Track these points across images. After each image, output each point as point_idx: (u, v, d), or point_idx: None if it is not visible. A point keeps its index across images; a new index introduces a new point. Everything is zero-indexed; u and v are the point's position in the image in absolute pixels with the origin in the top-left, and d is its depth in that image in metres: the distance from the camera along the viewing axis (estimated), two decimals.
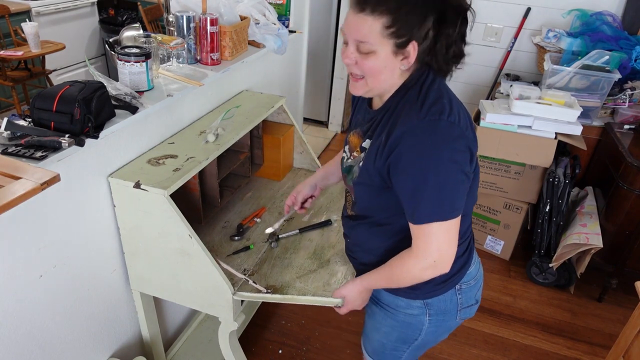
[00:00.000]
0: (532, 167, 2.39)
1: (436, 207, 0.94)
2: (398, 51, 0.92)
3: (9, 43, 3.30)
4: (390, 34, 0.89)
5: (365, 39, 0.91)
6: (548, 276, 2.48)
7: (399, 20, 0.88)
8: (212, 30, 1.64)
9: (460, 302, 1.18)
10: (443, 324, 1.20)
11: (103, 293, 1.43)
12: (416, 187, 0.93)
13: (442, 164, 0.91)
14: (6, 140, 1.11)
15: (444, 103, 0.94)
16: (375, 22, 0.88)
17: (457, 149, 0.92)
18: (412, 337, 1.22)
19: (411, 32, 0.89)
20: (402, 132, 0.93)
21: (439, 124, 0.91)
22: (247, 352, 1.94)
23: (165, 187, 1.25)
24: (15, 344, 1.17)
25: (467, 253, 1.17)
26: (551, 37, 2.68)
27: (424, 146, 0.91)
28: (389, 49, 0.91)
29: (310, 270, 1.45)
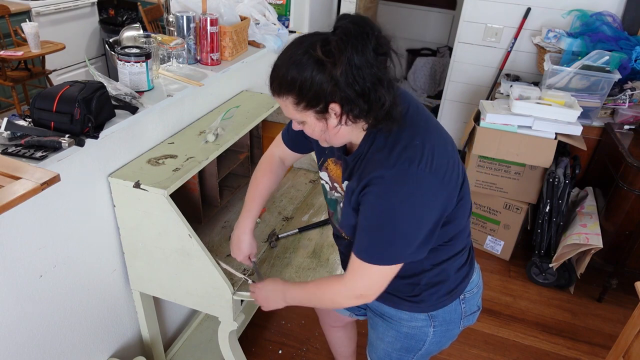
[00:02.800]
0: (532, 167, 2.39)
1: (381, 252, 0.95)
2: (322, 116, 0.91)
3: (9, 43, 3.30)
4: (303, 107, 0.90)
5: (291, 115, 0.94)
6: (548, 276, 2.48)
7: (302, 95, 0.88)
8: (212, 31, 1.64)
9: (464, 311, 1.18)
10: (447, 333, 1.20)
11: (103, 293, 1.43)
12: (369, 228, 0.94)
13: (401, 217, 0.91)
14: (6, 140, 1.11)
15: (416, 147, 0.92)
16: (287, 101, 0.91)
17: (423, 202, 0.91)
18: (416, 347, 1.21)
19: (320, 98, 0.88)
20: (370, 179, 0.92)
21: (408, 174, 0.90)
22: (247, 352, 1.94)
23: (165, 187, 1.25)
24: (15, 344, 1.17)
25: (469, 263, 1.17)
26: (551, 37, 2.68)
27: (389, 196, 0.90)
28: (312, 117, 0.92)
29: (310, 269, 1.45)
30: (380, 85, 0.87)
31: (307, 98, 0.88)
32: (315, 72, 0.86)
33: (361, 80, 0.85)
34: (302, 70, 0.86)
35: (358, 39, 0.84)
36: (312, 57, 0.85)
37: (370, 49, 0.85)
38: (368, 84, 0.86)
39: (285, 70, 0.88)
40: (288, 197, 1.85)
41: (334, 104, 0.88)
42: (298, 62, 0.87)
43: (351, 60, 0.84)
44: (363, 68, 0.84)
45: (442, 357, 2.06)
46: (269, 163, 1.31)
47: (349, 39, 0.84)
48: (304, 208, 1.78)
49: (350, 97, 0.86)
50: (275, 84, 0.91)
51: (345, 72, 0.84)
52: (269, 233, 1.61)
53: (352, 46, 0.84)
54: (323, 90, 0.86)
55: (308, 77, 0.86)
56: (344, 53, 0.83)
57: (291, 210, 1.77)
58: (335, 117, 0.90)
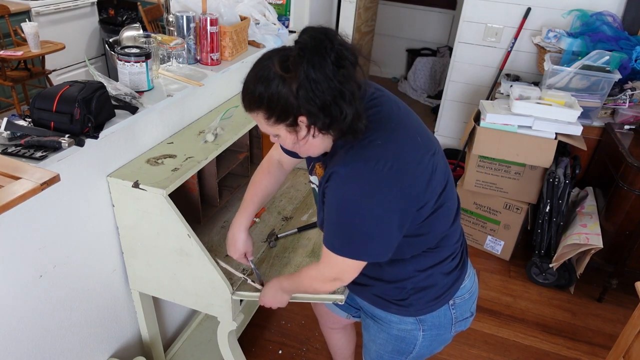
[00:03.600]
0: (532, 167, 2.39)
1: (342, 246, 0.97)
2: (293, 129, 0.93)
3: (9, 43, 3.30)
4: (274, 121, 0.92)
5: (263, 130, 0.98)
6: (548, 276, 2.47)
7: (272, 110, 0.90)
8: (212, 31, 1.64)
9: (454, 316, 1.17)
10: (437, 338, 1.19)
11: (102, 293, 1.43)
12: (329, 221, 0.97)
13: (356, 214, 0.92)
14: (6, 140, 1.11)
15: (376, 148, 0.93)
16: (258, 117, 0.94)
17: (378, 202, 0.91)
18: (407, 350, 1.21)
19: (288, 112, 0.89)
20: (330, 174, 0.95)
21: (361, 173, 0.91)
22: (247, 352, 1.94)
23: (164, 186, 1.25)
24: (15, 344, 1.17)
25: (460, 268, 1.16)
26: (551, 37, 2.68)
27: (341, 193, 0.93)
28: (284, 130, 0.93)
29: None
30: (342, 98, 0.87)
31: (276, 113, 0.90)
32: (280, 86, 0.87)
33: (320, 94, 0.85)
34: (268, 86, 0.88)
35: (315, 53, 0.84)
36: (276, 73, 0.87)
37: (329, 62, 0.85)
38: (328, 98, 0.86)
39: (253, 87, 0.90)
40: (287, 197, 1.85)
41: (302, 117, 0.89)
42: (264, 78, 0.88)
43: (308, 75, 0.84)
44: (321, 82, 0.85)
45: (442, 357, 2.06)
46: (268, 165, 1.33)
47: (305, 53, 0.85)
48: (304, 208, 1.78)
49: (312, 111, 0.87)
50: (246, 100, 0.94)
51: (303, 87, 0.85)
52: (268, 233, 1.61)
53: (308, 61, 0.84)
54: (290, 104, 0.88)
55: (274, 93, 0.87)
56: (300, 68, 0.84)
57: (291, 210, 1.77)
58: (305, 129, 0.92)
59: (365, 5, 3.69)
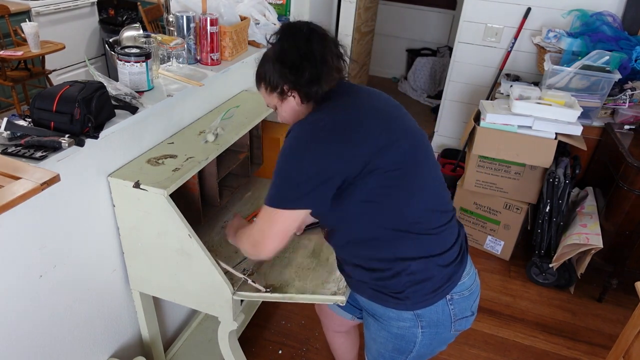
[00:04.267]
0: (532, 167, 2.39)
1: (271, 194, 1.07)
2: (283, 97, 1.14)
3: (9, 43, 3.30)
4: (269, 91, 1.15)
5: (266, 101, 1.20)
6: (548, 276, 2.48)
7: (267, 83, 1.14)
8: (212, 31, 1.64)
9: (453, 313, 1.17)
10: (437, 336, 1.19)
11: (103, 293, 1.43)
12: (274, 171, 1.09)
13: (286, 160, 1.05)
14: (6, 140, 1.11)
15: (324, 112, 1.09)
16: (261, 90, 1.19)
17: (307, 148, 1.04)
18: (407, 348, 1.21)
19: (277, 83, 1.12)
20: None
21: (303, 128, 1.07)
22: (247, 352, 1.94)
23: (165, 186, 1.25)
24: (15, 344, 1.17)
25: (457, 263, 1.16)
26: (551, 37, 2.68)
27: (284, 145, 1.07)
28: (277, 99, 1.16)
29: (309, 268, 1.45)
30: (307, 61, 1.07)
31: (270, 85, 1.13)
32: (269, 63, 1.12)
33: (288, 57, 1.08)
34: (263, 64, 1.15)
35: (289, 31, 1.10)
36: (267, 54, 1.14)
37: (301, 37, 1.08)
38: (295, 59, 1.07)
39: (257, 67, 1.17)
40: None
41: (286, 86, 1.11)
42: (262, 59, 1.16)
43: (283, 44, 1.10)
44: (291, 49, 1.08)
45: (442, 357, 2.06)
46: None
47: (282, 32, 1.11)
48: None
49: (284, 73, 1.09)
50: (255, 78, 1.19)
51: (277, 51, 1.10)
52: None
53: (283, 35, 1.10)
54: (275, 76, 1.11)
55: (267, 68, 1.13)
56: (277, 41, 1.11)
57: None
58: (291, 98, 1.13)
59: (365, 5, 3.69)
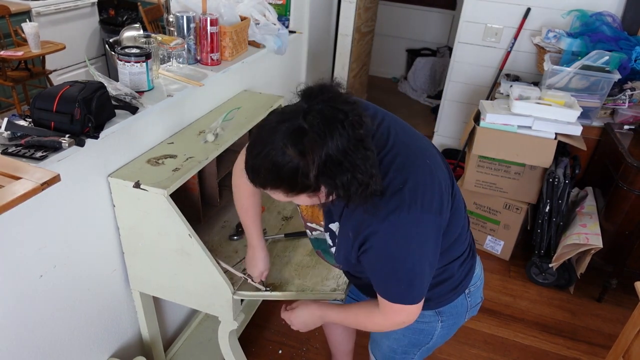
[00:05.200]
0: (532, 167, 2.39)
1: (409, 293, 0.99)
2: (314, 194, 0.89)
3: (9, 43, 3.30)
4: (295, 193, 0.88)
5: (282, 200, 0.92)
6: (548, 276, 2.48)
7: (292, 187, 0.86)
8: (212, 31, 1.64)
9: (469, 303, 1.22)
10: (453, 326, 1.23)
11: (103, 293, 1.43)
12: (388, 278, 0.98)
13: (410, 256, 0.94)
14: (6, 140, 1.12)
15: (402, 193, 0.92)
16: (277, 193, 0.88)
17: (422, 237, 0.94)
18: (424, 341, 1.24)
19: (309, 187, 0.85)
20: (365, 236, 0.94)
21: (399, 222, 0.91)
22: (247, 352, 1.94)
23: (165, 186, 1.25)
24: (15, 344, 1.17)
25: (471, 257, 1.18)
26: (551, 37, 2.68)
27: (389, 247, 0.94)
28: (305, 197, 0.89)
29: (309, 266, 1.46)
30: (358, 172, 0.84)
31: (297, 188, 0.86)
32: (297, 173, 0.83)
33: (340, 175, 0.83)
34: (283, 169, 0.83)
35: (329, 131, 0.80)
36: (291, 157, 0.82)
37: (345, 138, 0.81)
38: (347, 176, 0.83)
39: (265, 173, 0.85)
40: None
41: (323, 188, 0.87)
42: (278, 164, 0.82)
43: (327, 158, 0.81)
44: (340, 163, 0.82)
45: (442, 357, 2.06)
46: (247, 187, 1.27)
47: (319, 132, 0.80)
48: None
49: (331, 187, 0.85)
50: (259, 183, 0.88)
51: (323, 172, 0.82)
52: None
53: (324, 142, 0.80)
54: (309, 184, 0.84)
55: (293, 175, 0.83)
56: (316, 152, 0.80)
57: (290, 210, 1.77)
58: (326, 194, 0.89)
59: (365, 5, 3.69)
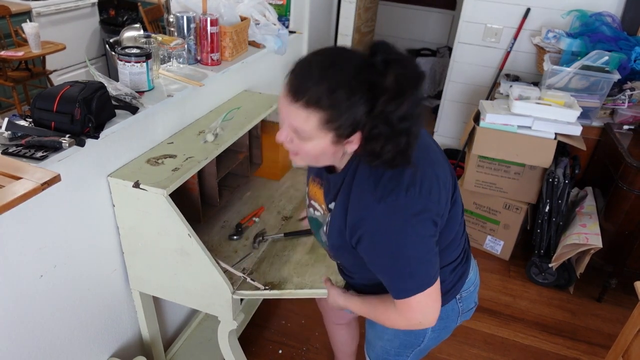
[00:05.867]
0: (531, 167, 2.39)
1: (412, 282, 0.92)
2: (340, 140, 0.82)
3: (10, 43, 3.30)
4: (329, 127, 0.80)
5: (301, 129, 0.82)
6: (548, 276, 2.48)
7: (339, 116, 0.78)
8: (212, 31, 1.65)
9: (461, 308, 1.20)
10: (445, 329, 1.22)
11: (103, 293, 1.43)
12: (386, 267, 0.93)
13: (407, 241, 0.88)
14: (7, 140, 1.12)
15: (401, 174, 0.87)
16: (311, 116, 0.79)
17: (419, 222, 0.88)
18: (415, 343, 1.23)
19: (352, 126, 0.79)
20: (360, 218, 0.88)
21: (397, 204, 0.86)
22: (247, 352, 1.94)
23: (164, 186, 1.25)
24: (15, 344, 1.17)
25: (464, 263, 1.17)
26: (551, 37, 2.68)
27: (385, 231, 0.87)
28: (328, 139, 0.82)
29: (308, 264, 1.46)
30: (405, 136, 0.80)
31: (338, 122, 0.78)
32: (362, 100, 0.76)
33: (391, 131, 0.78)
34: (351, 94, 0.75)
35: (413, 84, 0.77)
36: (365, 84, 0.75)
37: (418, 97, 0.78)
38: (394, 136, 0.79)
39: (326, 88, 0.76)
40: (287, 197, 1.85)
41: (358, 134, 0.81)
42: (346, 83, 0.76)
43: (410, 105, 0.77)
44: (403, 120, 0.78)
45: (442, 357, 2.06)
46: None
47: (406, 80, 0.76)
48: (303, 207, 1.78)
49: (381, 135, 0.79)
50: (306, 96, 0.77)
51: (381, 117, 0.77)
52: (257, 233, 1.62)
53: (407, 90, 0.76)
54: (360, 120, 0.78)
55: (353, 104, 0.76)
56: (406, 94, 0.76)
57: (290, 209, 1.77)
58: (345, 144, 0.83)
59: (365, 5, 3.70)
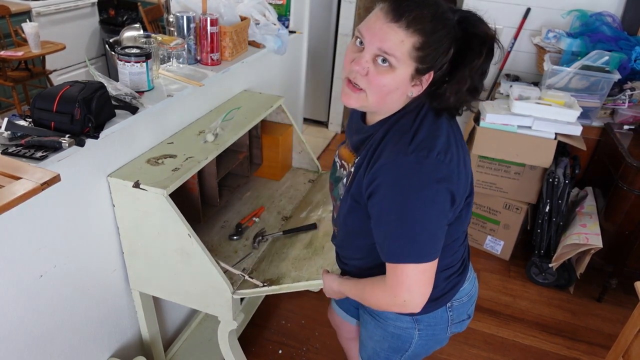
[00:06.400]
0: (531, 167, 2.39)
1: (411, 247, 0.88)
2: (416, 76, 0.85)
3: (10, 43, 3.30)
4: (417, 56, 0.82)
5: (391, 52, 0.82)
6: (548, 276, 2.48)
7: (431, 45, 0.81)
8: (212, 31, 1.64)
9: (451, 318, 1.17)
10: (433, 337, 1.19)
11: (103, 293, 1.43)
12: (387, 225, 0.89)
13: (419, 207, 0.85)
14: (6, 140, 1.12)
15: (438, 137, 0.88)
16: (408, 38, 0.80)
17: (439, 190, 0.86)
18: (403, 348, 1.21)
19: (435, 60, 0.83)
20: (384, 164, 0.87)
21: (426, 162, 0.85)
22: (247, 352, 1.95)
23: (164, 186, 1.25)
24: (15, 344, 1.17)
25: (460, 274, 1.15)
26: (551, 37, 2.68)
27: (405, 185, 0.85)
28: (408, 71, 0.84)
29: (305, 258, 1.46)
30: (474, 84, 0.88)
31: (426, 51, 0.81)
32: (448, 39, 0.82)
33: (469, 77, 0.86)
34: (443, 27, 0.80)
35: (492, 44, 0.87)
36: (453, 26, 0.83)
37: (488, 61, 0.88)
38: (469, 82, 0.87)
39: (429, 13, 0.79)
40: (287, 197, 1.85)
41: (430, 74, 0.85)
42: (442, 16, 0.81)
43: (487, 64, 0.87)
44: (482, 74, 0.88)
45: (442, 357, 2.06)
46: None
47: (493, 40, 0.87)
48: (303, 207, 1.78)
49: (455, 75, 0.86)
50: (411, 16, 0.79)
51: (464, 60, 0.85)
52: (256, 232, 1.62)
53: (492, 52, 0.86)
54: (439, 58, 0.83)
55: (442, 38, 0.81)
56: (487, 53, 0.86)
57: (290, 209, 1.77)
58: (413, 86, 0.86)
59: (365, 5, 3.70)
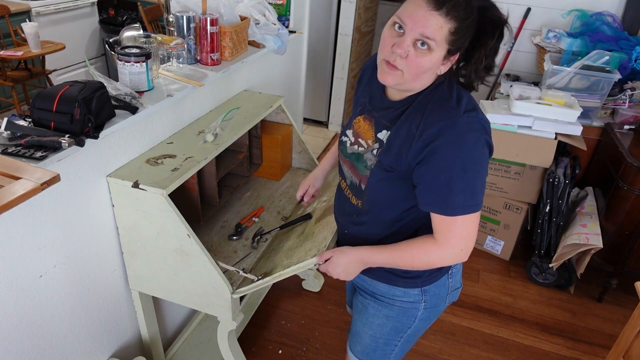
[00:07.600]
0: (532, 167, 2.39)
1: (469, 199, 0.98)
2: (447, 57, 0.95)
3: (9, 43, 3.30)
4: (450, 40, 0.92)
5: (432, 37, 0.91)
6: (548, 276, 2.48)
7: (462, 30, 0.92)
8: (212, 31, 1.64)
9: (450, 285, 1.22)
10: (434, 309, 1.23)
11: (102, 293, 1.43)
12: (451, 180, 0.96)
13: (477, 160, 0.97)
14: (6, 140, 1.12)
15: (475, 103, 1.01)
16: (446, 24, 0.90)
17: (486, 141, 0.98)
18: (407, 324, 1.23)
19: (464, 42, 0.94)
20: (441, 127, 0.95)
21: (475, 122, 0.96)
22: (247, 352, 1.95)
23: (164, 186, 1.25)
24: (15, 344, 1.17)
25: None
26: (551, 37, 2.68)
27: (463, 142, 0.95)
28: (442, 53, 0.94)
29: (297, 247, 1.46)
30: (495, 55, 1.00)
31: (458, 35, 0.92)
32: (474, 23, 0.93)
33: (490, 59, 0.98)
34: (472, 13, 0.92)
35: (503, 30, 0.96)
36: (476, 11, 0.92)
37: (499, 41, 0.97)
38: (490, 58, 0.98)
39: (466, 1, 0.90)
40: (287, 197, 1.85)
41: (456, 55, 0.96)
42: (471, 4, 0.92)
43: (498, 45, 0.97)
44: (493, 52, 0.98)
45: (442, 357, 2.06)
46: None
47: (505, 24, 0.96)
48: (302, 206, 1.78)
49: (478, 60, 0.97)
50: (451, 3, 0.90)
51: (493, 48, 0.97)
52: (255, 232, 1.62)
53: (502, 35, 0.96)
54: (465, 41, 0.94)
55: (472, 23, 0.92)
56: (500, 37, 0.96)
57: (290, 209, 1.77)
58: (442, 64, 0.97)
59: (365, 5, 3.69)
